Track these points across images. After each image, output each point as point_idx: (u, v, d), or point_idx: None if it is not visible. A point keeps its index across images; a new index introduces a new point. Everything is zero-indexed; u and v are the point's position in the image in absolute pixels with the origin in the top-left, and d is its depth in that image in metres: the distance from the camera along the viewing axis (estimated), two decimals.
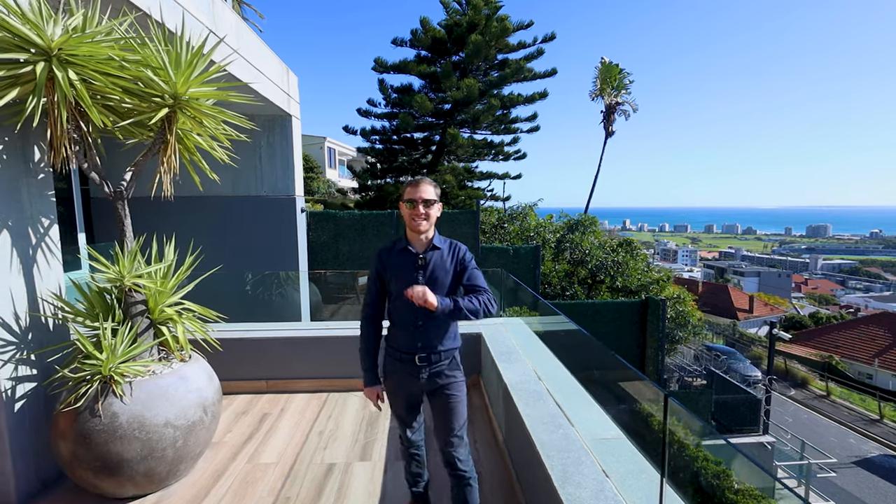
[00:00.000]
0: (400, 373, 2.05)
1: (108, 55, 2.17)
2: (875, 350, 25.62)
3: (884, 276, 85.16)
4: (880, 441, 16.83)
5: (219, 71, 2.60)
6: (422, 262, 1.98)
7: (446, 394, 2.03)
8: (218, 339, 3.46)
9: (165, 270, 2.74)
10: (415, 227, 1.95)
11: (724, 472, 6.67)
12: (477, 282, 2.03)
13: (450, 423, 2.02)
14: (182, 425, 2.44)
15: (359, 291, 8.14)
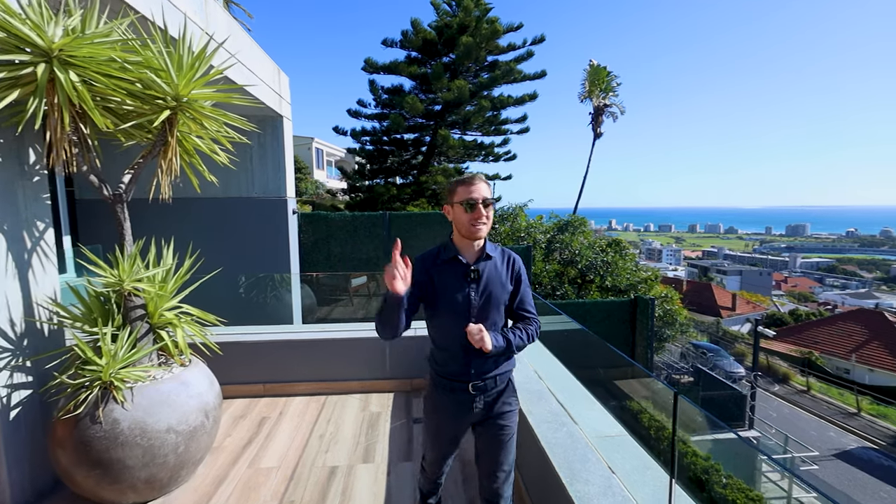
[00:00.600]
0: (450, 407, 1.73)
1: (109, 57, 2.14)
2: (852, 346, 26.39)
3: (860, 273, 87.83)
4: (858, 434, 17.36)
5: (218, 74, 2.58)
6: (475, 276, 1.68)
7: (499, 424, 1.76)
8: (216, 342, 3.43)
9: (164, 274, 2.71)
10: (474, 233, 1.65)
11: (712, 466, 6.82)
12: (528, 306, 1.79)
13: (499, 458, 1.76)
14: (184, 430, 2.42)
15: (351, 293, 8.12)
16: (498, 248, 1.81)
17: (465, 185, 1.67)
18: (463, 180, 1.69)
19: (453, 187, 1.70)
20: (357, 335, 3.99)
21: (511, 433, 1.78)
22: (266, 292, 6.41)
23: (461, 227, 1.68)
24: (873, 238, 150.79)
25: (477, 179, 1.68)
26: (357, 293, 8.14)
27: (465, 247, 1.72)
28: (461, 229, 1.69)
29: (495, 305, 1.70)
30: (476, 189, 1.65)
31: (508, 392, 1.80)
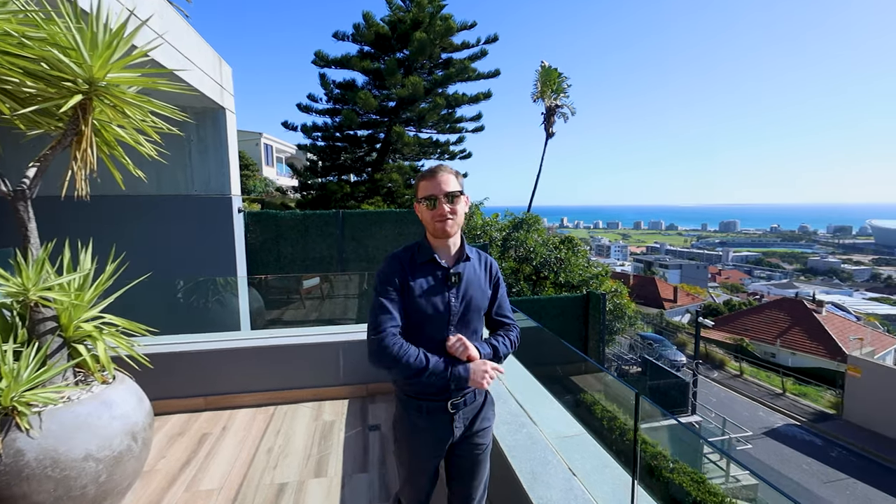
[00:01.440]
0: (427, 431, 1.53)
1: (3, 30, 1.84)
2: (777, 331, 28.86)
3: (782, 265, 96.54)
4: (784, 412, 19.01)
5: (142, 55, 2.31)
6: (455, 280, 1.53)
7: (475, 443, 1.60)
8: (147, 354, 3.12)
9: (81, 281, 2.40)
10: (440, 231, 1.50)
11: (660, 452, 7.16)
12: (507, 312, 1.67)
13: (476, 480, 1.63)
14: (106, 457, 2.15)
15: (303, 295, 7.77)
16: (474, 250, 1.67)
17: (426, 180, 1.52)
18: (424, 174, 1.55)
19: (417, 182, 1.57)
20: (308, 340, 3.78)
21: (487, 451, 1.66)
22: (208, 297, 5.97)
23: (428, 226, 1.55)
24: (793, 233, 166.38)
25: (440, 171, 1.52)
26: (310, 295, 7.80)
27: (440, 247, 1.56)
28: (428, 228, 1.55)
29: (476, 311, 1.57)
30: (437, 182, 1.50)
31: (488, 406, 1.66)
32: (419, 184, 1.55)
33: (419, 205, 1.55)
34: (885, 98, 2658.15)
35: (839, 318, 30.34)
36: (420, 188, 1.54)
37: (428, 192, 1.50)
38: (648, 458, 7.08)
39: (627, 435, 7.78)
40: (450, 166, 1.56)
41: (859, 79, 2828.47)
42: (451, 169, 1.55)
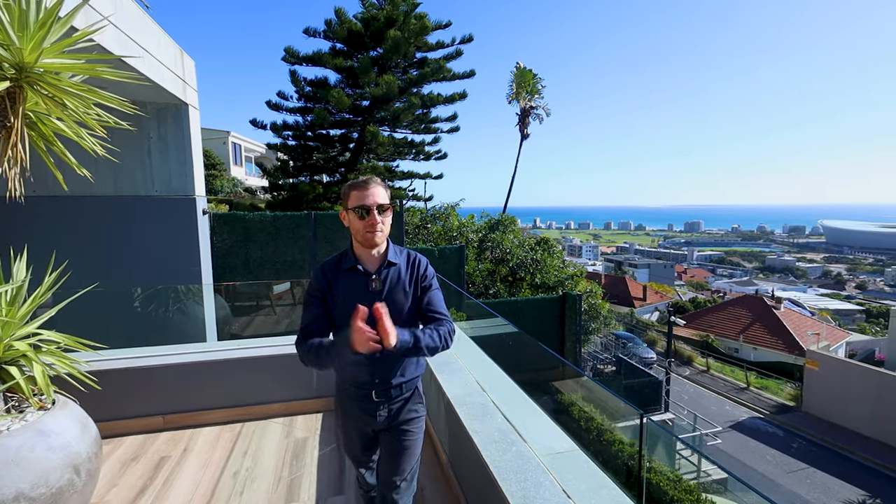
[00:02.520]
0: (354, 412, 1.73)
1: None
2: (739, 327, 30.05)
3: (743, 264, 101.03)
4: (748, 406, 19.76)
5: (84, 37, 2.05)
6: (376, 286, 1.63)
7: (402, 429, 1.74)
8: (95, 371, 2.84)
9: (13, 294, 2.12)
10: (369, 242, 1.58)
11: (637, 452, 7.20)
12: (438, 307, 1.71)
13: (399, 464, 1.72)
14: (42, 495, 1.88)
15: (273, 301, 7.43)
16: (403, 253, 1.74)
17: (359, 190, 1.57)
18: (356, 184, 1.59)
19: (347, 191, 1.61)
20: (279, 351, 3.54)
21: (414, 439, 1.76)
22: (169, 306, 5.60)
23: (356, 235, 1.61)
24: (752, 233, 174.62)
25: (372, 183, 1.58)
26: (280, 301, 7.47)
27: (364, 255, 1.65)
28: (356, 236, 1.61)
29: (398, 313, 1.63)
30: (370, 194, 1.56)
31: (414, 399, 1.78)
32: (350, 193, 1.59)
33: (348, 213, 1.60)
34: (833, 102, 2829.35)
35: (796, 313, 31.92)
36: (351, 198, 1.58)
37: (360, 203, 1.55)
38: (626, 459, 7.13)
39: (605, 435, 7.82)
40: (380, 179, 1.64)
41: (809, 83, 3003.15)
42: (382, 181, 1.63)
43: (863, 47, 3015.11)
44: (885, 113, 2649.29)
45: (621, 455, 7.16)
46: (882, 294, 67.23)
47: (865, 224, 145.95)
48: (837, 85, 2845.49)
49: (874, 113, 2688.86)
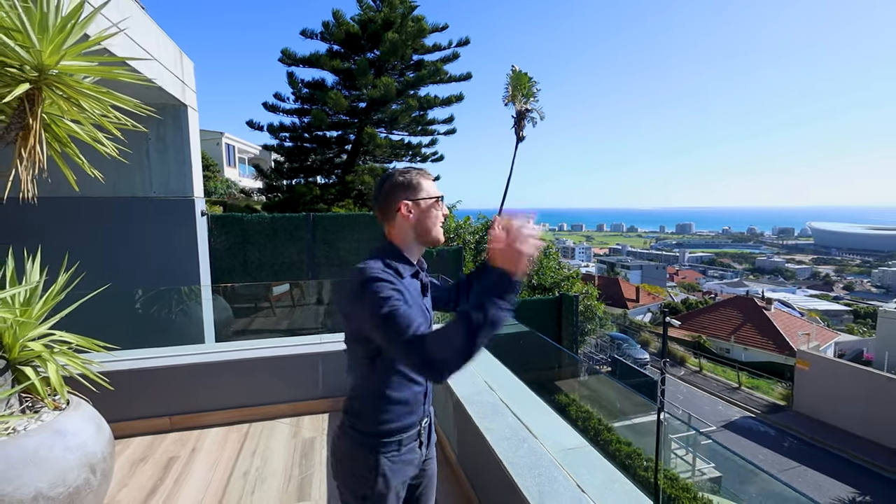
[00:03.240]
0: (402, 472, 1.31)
1: None
2: (731, 328, 30.41)
3: (733, 265, 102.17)
4: (740, 405, 20.00)
5: (101, 41, 2.07)
6: (426, 290, 1.41)
7: (428, 472, 1.46)
8: (104, 372, 2.83)
9: (28, 295, 2.13)
10: (439, 237, 1.34)
11: (634, 451, 7.29)
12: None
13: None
14: (60, 495, 1.89)
15: (273, 303, 7.42)
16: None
17: (428, 178, 1.33)
18: (423, 172, 1.34)
19: (413, 180, 1.31)
20: (284, 351, 3.56)
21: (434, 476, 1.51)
22: (171, 308, 5.58)
23: (427, 231, 1.31)
24: (742, 235, 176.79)
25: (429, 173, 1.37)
26: (279, 302, 7.45)
27: (414, 255, 1.36)
28: (426, 233, 1.31)
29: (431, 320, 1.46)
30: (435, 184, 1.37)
31: (433, 421, 1.51)
32: (422, 182, 1.31)
33: (415, 205, 1.29)
34: (824, 105, 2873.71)
35: (786, 314, 32.35)
36: (424, 187, 1.31)
37: (437, 193, 1.34)
38: (623, 458, 7.21)
39: (602, 435, 7.90)
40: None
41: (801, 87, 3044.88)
42: None
43: (860, 48, 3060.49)
44: (873, 116, 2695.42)
45: (619, 454, 7.24)
46: (869, 295, 68.34)
47: (853, 226, 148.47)
48: (829, 88, 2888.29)
49: (863, 116, 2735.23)
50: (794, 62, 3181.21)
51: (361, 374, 1.28)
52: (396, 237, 1.32)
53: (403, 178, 1.31)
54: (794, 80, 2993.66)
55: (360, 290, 1.14)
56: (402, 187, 1.30)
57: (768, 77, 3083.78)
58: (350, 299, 1.19)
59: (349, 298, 1.19)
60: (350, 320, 1.24)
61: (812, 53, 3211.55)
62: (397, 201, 1.29)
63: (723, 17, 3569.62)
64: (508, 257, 1.07)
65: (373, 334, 1.15)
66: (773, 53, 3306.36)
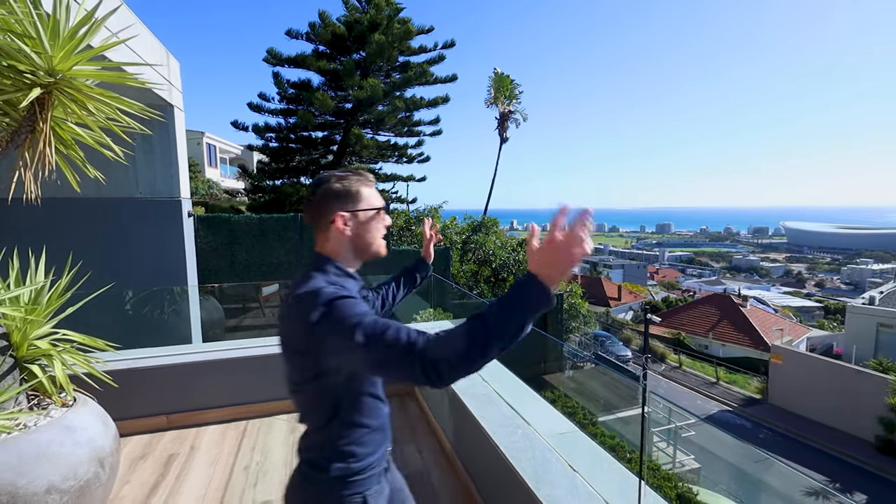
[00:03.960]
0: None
1: None
2: (709, 325, 31.25)
3: (711, 264, 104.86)
4: (718, 400, 20.63)
5: (104, 49, 2.13)
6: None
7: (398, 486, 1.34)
8: (103, 371, 2.86)
9: (34, 294, 2.17)
10: (382, 250, 1.22)
11: (618, 444, 7.52)
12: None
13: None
14: (71, 488, 1.94)
15: (262, 303, 7.41)
16: None
17: (370, 185, 1.19)
18: (364, 179, 1.18)
19: (352, 188, 1.15)
20: (279, 349, 3.62)
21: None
22: (162, 308, 5.56)
23: (366, 246, 1.18)
24: (719, 234, 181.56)
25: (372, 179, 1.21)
26: (269, 302, 7.45)
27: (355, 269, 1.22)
28: (365, 248, 1.18)
29: None
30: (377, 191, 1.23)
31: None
32: (362, 190, 1.16)
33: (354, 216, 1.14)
34: (795, 105, 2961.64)
35: (761, 311, 33.42)
36: (366, 196, 1.16)
37: (380, 202, 1.19)
38: (607, 450, 7.42)
39: (587, 428, 8.12)
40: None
41: (770, 85, 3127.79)
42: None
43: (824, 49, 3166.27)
44: (842, 116, 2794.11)
45: (603, 447, 7.46)
46: (839, 291, 71.03)
47: (823, 225, 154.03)
48: (799, 87, 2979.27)
49: (833, 116, 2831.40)
50: (765, 62, 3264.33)
51: (331, 410, 1.09)
52: (331, 251, 1.16)
53: (340, 185, 1.14)
54: (764, 80, 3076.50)
55: (324, 316, 0.97)
56: (337, 196, 1.14)
57: (740, 77, 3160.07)
58: (309, 331, 0.99)
59: (306, 331, 0.99)
60: (307, 354, 1.04)
61: (780, 53, 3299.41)
62: (332, 212, 1.13)
63: (698, 17, 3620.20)
64: (555, 261, 0.88)
65: (348, 360, 0.99)
66: (745, 53, 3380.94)
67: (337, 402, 1.09)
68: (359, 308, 0.98)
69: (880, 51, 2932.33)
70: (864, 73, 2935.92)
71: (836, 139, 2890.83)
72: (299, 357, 1.08)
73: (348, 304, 0.98)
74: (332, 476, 1.08)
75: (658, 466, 6.90)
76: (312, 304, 0.98)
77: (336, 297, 0.99)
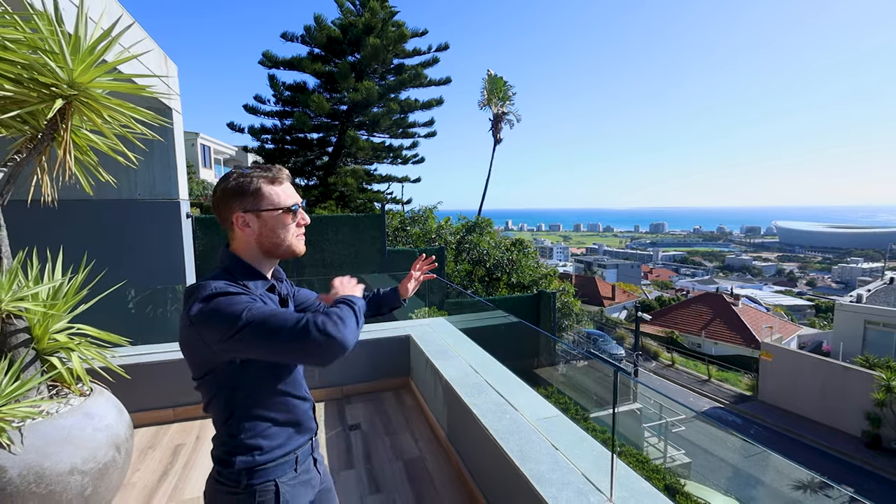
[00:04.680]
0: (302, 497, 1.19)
1: None
2: (701, 324, 31.65)
3: (704, 263, 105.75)
4: (710, 397, 20.94)
5: (118, 64, 2.29)
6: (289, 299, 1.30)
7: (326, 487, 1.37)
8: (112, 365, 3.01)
9: (55, 290, 2.32)
10: (297, 249, 1.18)
11: (608, 438, 7.73)
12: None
13: None
14: (92, 469, 2.10)
15: None
16: None
17: (284, 184, 1.15)
18: (275, 176, 1.13)
19: (252, 186, 1.10)
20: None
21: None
22: (165, 306, 5.69)
23: (275, 246, 1.14)
24: (712, 233, 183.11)
25: (285, 174, 1.17)
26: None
27: (266, 269, 1.19)
28: (274, 248, 1.15)
29: None
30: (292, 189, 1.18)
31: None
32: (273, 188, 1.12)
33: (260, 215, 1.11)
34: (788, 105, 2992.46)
35: (753, 309, 33.87)
36: (281, 194, 1.13)
37: (292, 199, 1.15)
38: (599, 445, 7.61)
39: (579, 424, 8.30)
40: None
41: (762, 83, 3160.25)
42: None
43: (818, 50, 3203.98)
44: (835, 116, 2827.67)
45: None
46: (830, 290, 71.92)
47: (815, 224, 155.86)
48: (793, 86, 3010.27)
49: (826, 117, 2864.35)
50: (758, 60, 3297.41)
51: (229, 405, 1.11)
52: (238, 249, 1.14)
53: (238, 182, 1.10)
54: (759, 79, 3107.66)
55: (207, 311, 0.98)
56: (234, 194, 1.10)
57: (734, 76, 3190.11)
58: (194, 326, 1.00)
59: (192, 325, 1.01)
60: (196, 350, 1.07)
61: (777, 52, 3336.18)
62: (231, 211, 1.10)
63: (690, 15, 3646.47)
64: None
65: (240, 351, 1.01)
66: (740, 51, 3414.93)
67: (232, 397, 1.10)
68: (238, 303, 0.99)
69: (877, 47, 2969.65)
70: (862, 72, 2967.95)
71: (828, 140, 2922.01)
72: (187, 351, 1.09)
73: (228, 300, 0.99)
74: (237, 469, 1.08)
75: (647, 459, 7.10)
76: (193, 298, 1.01)
77: (217, 292, 1.00)
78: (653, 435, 11.83)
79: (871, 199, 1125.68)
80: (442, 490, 2.60)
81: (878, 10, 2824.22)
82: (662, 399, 14.51)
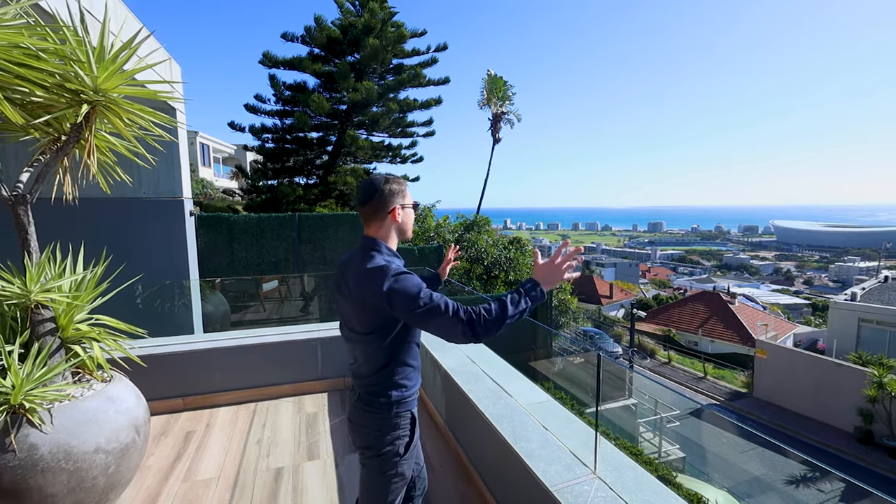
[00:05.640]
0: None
1: (18, 43, 1.93)
2: (698, 322, 31.87)
3: (702, 262, 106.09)
4: (705, 394, 21.17)
5: (136, 72, 2.44)
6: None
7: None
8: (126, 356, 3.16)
9: (78, 282, 2.47)
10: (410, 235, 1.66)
11: (604, 431, 7.91)
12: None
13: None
14: (115, 449, 2.26)
15: (262, 298, 7.70)
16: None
17: (405, 186, 1.63)
18: (401, 180, 1.61)
19: (399, 189, 1.57)
20: (288, 338, 3.94)
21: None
22: (173, 300, 5.86)
23: (407, 230, 1.63)
24: (710, 232, 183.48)
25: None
26: (268, 298, 7.74)
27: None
28: (405, 232, 1.63)
29: None
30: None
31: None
32: (405, 190, 1.60)
33: (403, 210, 1.57)
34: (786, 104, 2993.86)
35: (749, 308, 34.10)
36: (407, 194, 1.60)
37: (413, 199, 1.65)
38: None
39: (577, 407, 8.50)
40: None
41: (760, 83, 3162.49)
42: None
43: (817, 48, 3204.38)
44: (832, 116, 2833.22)
45: None
46: (826, 289, 72.25)
47: (812, 224, 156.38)
48: (791, 85, 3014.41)
49: (823, 116, 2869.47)
50: (756, 59, 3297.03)
51: (390, 354, 1.49)
52: (383, 235, 1.55)
53: (398, 185, 1.57)
54: (756, 78, 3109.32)
55: (399, 287, 1.34)
56: (397, 194, 1.56)
57: (732, 75, 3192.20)
58: (381, 295, 1.35)
59: (377, 292, 1.36)
60: (377, 313, 1.41)
61: (775, 51, 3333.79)
62: (393, 206, 1.54)
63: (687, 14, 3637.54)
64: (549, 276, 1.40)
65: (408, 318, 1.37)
66: (739, 50, 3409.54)
67: (395, 348, 1.50)
68: (417, 280, 1.39)
69: (875, 47, 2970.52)
70: (860, 72, 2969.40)
71: (826, 139, 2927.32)
72: (366, 313, 1.44)
73: (410, 277, 1.39)
74: (392, 400, 1.50)
75: (640, 452, 7.27)
76: (385, 275, 1.38)
77: (401, 271, 1.40)
78: (648, 430, 12.03)
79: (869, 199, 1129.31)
80: (440, 470, 2.77)
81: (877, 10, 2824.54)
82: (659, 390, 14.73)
